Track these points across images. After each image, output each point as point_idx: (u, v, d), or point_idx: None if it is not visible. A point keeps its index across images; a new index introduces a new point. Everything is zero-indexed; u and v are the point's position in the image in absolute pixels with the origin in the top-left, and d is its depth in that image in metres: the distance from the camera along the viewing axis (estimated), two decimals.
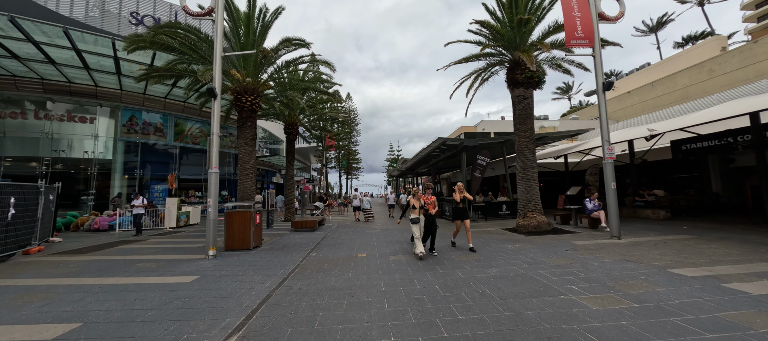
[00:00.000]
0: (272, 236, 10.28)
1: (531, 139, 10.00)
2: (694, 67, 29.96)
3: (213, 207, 7.11)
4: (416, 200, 6.58)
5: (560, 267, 5.43)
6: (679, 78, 31.34)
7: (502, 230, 10.14)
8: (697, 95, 26.80)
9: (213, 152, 7.23)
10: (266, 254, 7.37)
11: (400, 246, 8.04)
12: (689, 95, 28.39)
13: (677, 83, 31.24)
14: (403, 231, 10.84)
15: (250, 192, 9.58)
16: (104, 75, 14.88)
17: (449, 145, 13.32)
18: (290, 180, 16.11)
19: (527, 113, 10.03)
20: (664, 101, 31.40)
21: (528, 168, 9.90)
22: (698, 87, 29.16)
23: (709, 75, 27.69)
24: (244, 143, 9.58)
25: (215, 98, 7.35)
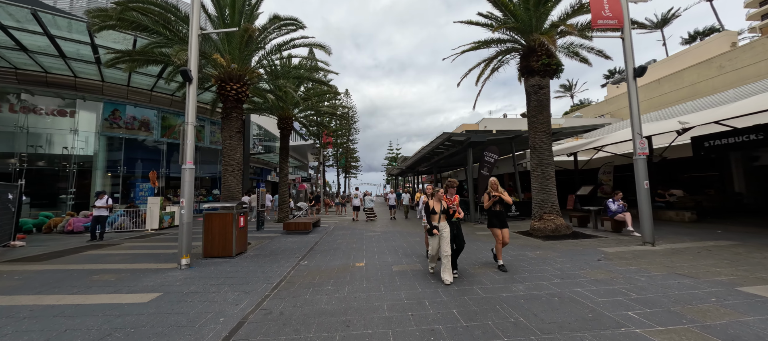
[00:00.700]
0: (260, 240, 9.28)
1: (547, 133, 9.05)
2: (702, 63, 29.10)
3: (187, 209, 6.11)
4: (436, 201, 5.01)
5: (601, 283, 4.46)
6: (686, 75, 30.47)
7: (515, 234, 9.18)
8: (706, 92, 25.97)
9: (187, 144, 6.23)
10: (250, 263, 6.38)
11: (404, 253, 7.06)
12: (698, 92, 27.53)
13: (685, 80, 30.38)
14: (405, 234, 9.86)
15: (236, 191, 8.58)
16: (83, 65, 13.83)
17: (455, 141, 12.36)
18: (284, 178, 15.11)
19: (543, 105, 9.07)
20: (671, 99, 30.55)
21: (544, 166, 8.94)
22: (707, 84, 28.33)
23: (719, 71, 26.83)
24: (230, 136, 8.58)
25: (190, 82, 6.35)
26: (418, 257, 6.63)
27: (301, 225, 10.66)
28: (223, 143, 8.62)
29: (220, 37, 8.92)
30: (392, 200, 15.78)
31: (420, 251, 7.24)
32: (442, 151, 15.31)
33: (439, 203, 4.98)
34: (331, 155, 39.94)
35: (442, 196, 4.99)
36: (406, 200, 15.93)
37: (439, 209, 4.92)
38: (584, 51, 10.07)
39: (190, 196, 6.19)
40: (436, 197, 5.04)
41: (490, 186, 5.50)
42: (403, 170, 29.88)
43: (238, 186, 8.64)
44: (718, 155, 13.94)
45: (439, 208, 4.92)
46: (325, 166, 39.09)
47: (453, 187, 5.41)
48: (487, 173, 11.94)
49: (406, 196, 16.17)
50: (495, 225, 5.47)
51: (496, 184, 5.48)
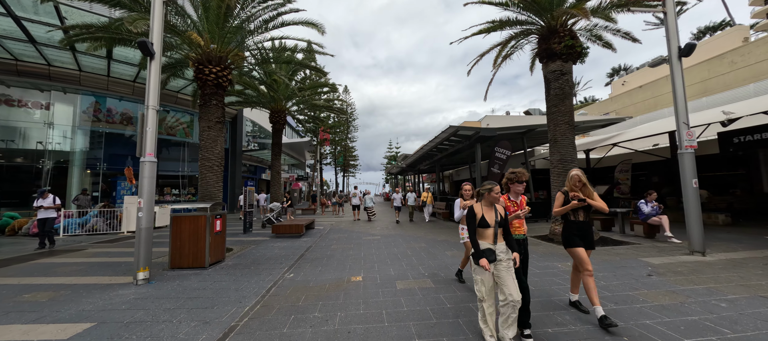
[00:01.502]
0: (245, 246, 8.19)
1: (570, 125, 7.99)
2: (713, 58, 28.11)
3: (145, 211, 5.01)
4: (487, 206, 2.92)
5: (672, 311, 3.40)
6: (696, 71, 29.51)
7: (531, 238, 8.12)
8: (717, 89, 25.04)
9: (147, 132, 5.13)
10: (224, 276, 5.30)
11: (408, 263, 5.99)
12: (709, 89, 26.57)
13: (695, 76, 29.40)
14: (409, 239, 8.79)
15: (215, 190, 7.48)
16: (56, 52, 12.65)
17: (462, 135, 11.28)
18: (277, 176, 14.01)
19: (566, 93, 8.00)
20: None
21: (567, 161, 7.88)
22: (718, 80, 27.36)
23: (731, 67, 25.84)
24: (208, 126, 7.48)
25: (151, 58, 5.24)
26: (426, 268, 5.55)
27: (292, 228, 9.57)
28: (201, 134, 7.51)
29: (199, 15, 7.81)
30: (397, 202, 13.79)
31: (427, 260, 6.17)
32: (447, 147, 14.24)
33: (491, 209, 2.89)
34: (329, 153, 38.80)
35: (497, 197, 2.89)
36: (412, 200, 14.28)
37: (492, 219, 2.84)
38: (609, 34, 9.01)
39: (150, 195, 5.09)
40: (489, 198, 2.88)
41: (571, 183, 3.38)
42: (403, 169, 28.80)
43: (217, 184, 7.55)
44: (746, 153, 12.95)
45: (493, 218, 2.85)
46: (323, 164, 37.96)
47: (521, 182, 3.35)
48: (499, 170, 10.89)
49: (412, 195, 14.31)
50: (577, 244, 3.31)
51: (579, 179, 3.34)
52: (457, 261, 6.06)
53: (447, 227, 11.09)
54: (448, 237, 8.94)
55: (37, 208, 7.60)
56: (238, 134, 20.96)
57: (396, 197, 14.01)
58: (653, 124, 13.01)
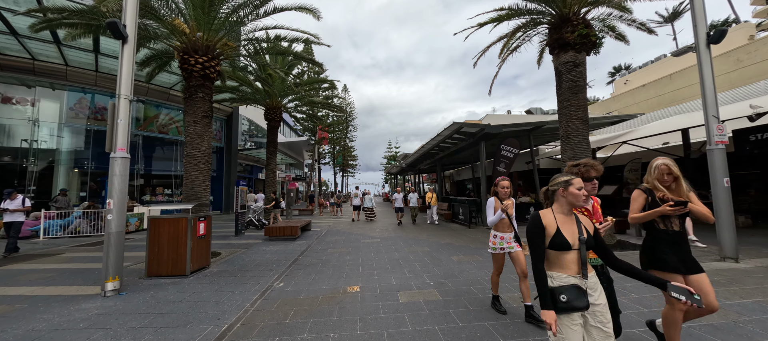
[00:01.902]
0: (234, 249, 7.62)
1: (584, 120, 7.45)
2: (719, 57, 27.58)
3: (116, 214, 4.44)
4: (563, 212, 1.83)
5: (731, 334, 2.86)
6: None
7: None
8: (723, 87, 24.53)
9: (118, 124, 4.56)
10: (206, 286, 4.73)
11: (411, 270, 5.43)
12: None
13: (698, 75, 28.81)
14: (410, 242, 8.23)
15: (201, 189, 6.91)
16: (40, 44, 12.07)
17: (466, 133, 10.74)
18: (272, 176, 13.45)
19: (579, 86, 7.47)
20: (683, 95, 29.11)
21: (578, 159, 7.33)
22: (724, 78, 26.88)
23: (737, 65, 25.39)
24: (194, 121, 6.91)
25: (124, 42, 4.68)
26: (432, 277, 5.00)
27: (286, 230, 9.00)
28: (186, 129, 6.95)
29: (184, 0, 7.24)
30: (399, 202, 12.86)
31: (432, 267, 5.61)
32: (449, 146, 13.70)
33: (570, 218, 1.83)
34: (328, 153, 38.23)
35: (581, 197, 1.78)
36: (415, 200, 13.03)
37: (574, 235, 1.77)
38: (623, 24, 8.47)
39: (121, 195, 4.52)
40: (567, 198, 1.81)
41: (656, 175, 2.39)
42: (403, 169, 28.26)
43: (204, 183, 6.98)
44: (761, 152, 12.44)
45: (576, 233, 1.77)
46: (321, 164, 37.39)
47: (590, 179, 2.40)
48: (505, 170, 10.35)
49: (414, 196, 13.05)
50: (671, 266, 2.27)
51: (669, 170, 2.35)
52: (465, 267, 5.51)
53: (450, 229, 10.55)
54: (452, 240, 8.39)
55: (2, 210, 6.97)
56: (233, 132, 20.39)
57: (397, 197, 13.05)
58: (665, 121, 12.50)
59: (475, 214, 11.38)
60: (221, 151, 20.40)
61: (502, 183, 3.43)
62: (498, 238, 3.47)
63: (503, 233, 3.48)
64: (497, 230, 3.50)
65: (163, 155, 17.24)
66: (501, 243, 3.46)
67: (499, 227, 3.49)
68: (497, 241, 3.47)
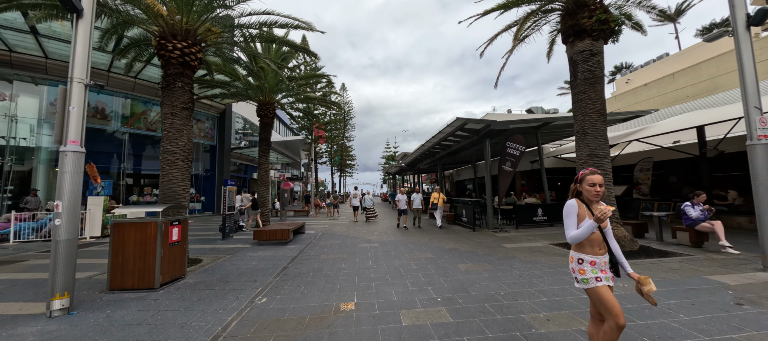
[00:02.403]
0: (218, 256, 6.93)
1: (601, 114, 6.82)
2: (723, 55, 27.24)
3: (66, 219, 3.75)
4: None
5: None
6: (704, 68, 28.51)
7: (555, 247, 6.95)
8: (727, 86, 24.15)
9: (71, 113, 3.88)
10: (176, 302, 4.05)
11: (414, 281, 4.76)
12: (718, 86, 25.62)
13: (702, 74, 28.43)
14: (411, 247, 7.56)
15: (179, 190, 6.22)
16: (17, 35, 11.34)
17: (470, 129, 10.08)
18: (264, 175, 12.75)
19: (597, 77, 6.84)
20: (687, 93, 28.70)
21: (598, 157, 6.71)
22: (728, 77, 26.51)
23: None
24: (172, 113, 6.22)
25: (79, 17, 4.00)
26: (438, 290, 4.33)
27: (277, 234, 8.31)
28: (163, 122, 6.24)
29: None
30: (403, 204, 11.58)
31: (437, 277, 4.94)
32: (451, 144, 13.05)
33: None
34: (325, 152, 37.51)
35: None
36: (418, 202, 11.51)
37: None
38: (641, 11, 7.86)
39: (73, 196, 3.83)
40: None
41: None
42: (402, 168, 27.62)
43: (182, 183, 6.28)
44: None
45: None
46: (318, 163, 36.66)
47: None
48: (511, 168, 9.71)
49: (418, 197, 11.58)
50: None
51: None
52: (475, 278, 4.84)
53: (453, 232, 9.89)
54: (457, 244, 7.73)
55: None
56: (226, 130, 19.66)
57: (401, 198, 11.66)
58: (680, 118, 11.91)
59: (479, 216, 10.73)
60: (214, 150, 19.67)
61: (592, 179, 2.19)
62: (587, 264, 2.14)
63: (594, 255, 2.14)
64: (582, 251, 2.18)
65: (152, 154, 16.48)
66: (594, 272, 2.12)
67: (585, 246, 2.17)
68: (588, 269, 2.13)
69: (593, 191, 2.17)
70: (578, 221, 2.15)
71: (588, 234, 2.08)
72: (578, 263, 2.19)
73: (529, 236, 8.53)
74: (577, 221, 2.15)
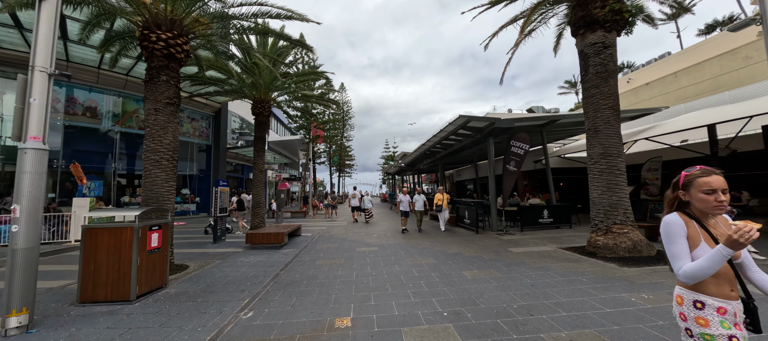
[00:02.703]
0: (207, 262, 6.50)
1: (615, 110, 6.42)
2: (726, 54, 26.92)
3: (24, 224, 3.33)
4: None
5: None
6: (707, 67, 28.16)
7: (566, 252, 6.54)
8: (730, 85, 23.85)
9: (32, 106, 3.46)
10: (151, 318, 3.62)
11: (417, 291, 4.35)
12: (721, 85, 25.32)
13: (705, 73, 28.09)
14: (412, 251, 7.13)
15: (164, 191, 5.79)
16: (1, 29, 10.88)
17: (473, 128, 9.68)
18: (259, 175, 12.31)
19: (610, 70, 6.44)
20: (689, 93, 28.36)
21: (611, 156, 6.32)
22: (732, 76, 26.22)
23: (745, 62, 24.61)
24: (155, 109, 5.79)
25: None
26: (443, 301, 3.92)
27: (271, 237, 7.89)
28: (147, 119, 5.82)
29: None
30: (405, 205, 10.67)
31: (441, 286, 4.53)
32: (453, 143, 12.65)
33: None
34: (324, 152, 37.07)
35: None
36: (420, 203, 10.68)
37: None
38: (655, 3, 7.47)
39: (34, 201, 3.41)
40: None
41: None
42: (402, 168, 27.21)
43: (167, 184, 5.85)
44: None
45: None
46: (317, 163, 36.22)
47: None
48: (515, 168, 9.30)
49: (420, 198, 10.72)
50: None
51: None
52: (483, 287, 4.43)
53: (455, 235, 9.48)
54: (461, 248, 7.32)
55: None
56: (222, 129, 19.22)
57: (403, 199, 10.71)
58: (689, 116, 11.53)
59: (483, 217, 10.32)
60: (209, 149, 19.23)
61: (709, 182, 1.43)
62: (712, 311, 1.38)
63: (724, 299, 1.39)
64: (703, 290, 1.42)
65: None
66: (724, 325, 1.36)
67: (707, 284, 1.41)
68: (713, 319, 1.37)
69: (712, 202, 1.42)
70: (691, 246, 1.43)
71: (717, 267, 1.29)
72: (694, 308, 1.42)
73: (536, 240, 8.12)
74: (690, 246, 1.43)
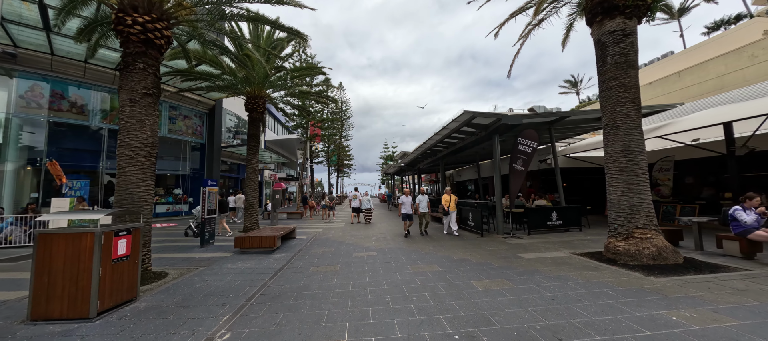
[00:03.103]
0: (189, 268, 5.94)
1: (636, 104, 5.89)
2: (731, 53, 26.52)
3: None
4: None
5: None
6: (712, 66, 27.71)
7: (582, 258, 6.00)
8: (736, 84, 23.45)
9: None
10: (112, 340, 3.06)
11: (422, 308, 3.79)
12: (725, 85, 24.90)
13: (710, 72, 27.64)
14: (413, 256, 6.57)
15: (140, 191, 5.22)
16: None
17: (478, 125, 9.14)
18: (253, 174, 11.75)
19: (630, 61, 5.91)
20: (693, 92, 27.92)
21: (632, 153, 5.79)
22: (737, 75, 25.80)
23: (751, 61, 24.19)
24: (131, 100, 5.23)
25: None
26: (453, 320, 3.37)
27: (262, 241, 7.33)
28: (121, 110, 5.25)
29: None
30: (407, 207, 9.71)
31: (449, 300, 3.97)
32: (456, 141, 12.11)
33: None
34: (321, 151, 36.48)
35: None
36: (424, 204, 9.69)
37: None
38: None
39: None
40: None
41: None
42: (402, 168, 26.67)
43: (144, 183, 5.28)
44: None
45: None
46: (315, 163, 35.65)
47: None
48: (523, 167, 8.77)
49: (424, 199, 9.74)
50: None
51: None
52: (497, 301, 3.89)
53: (460, 239, 8.93)
54: (467, 254, 6.77)
55: None
56: (216, 127, 18.63)
57: (405, 201, 9.72)
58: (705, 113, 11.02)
59: (488, 219, 9.78)
60: (203, 148, 18.64)
61: None
62: None
63: None
64: None
65: None
66: None
67: None
68: None
69: None
70: None
71: None
72: None
73: (546, 244, 7.58)
74: None
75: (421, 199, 9.77)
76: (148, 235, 5.31)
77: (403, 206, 9.80)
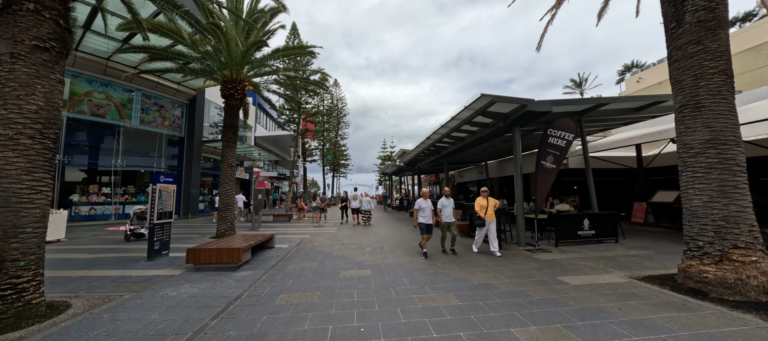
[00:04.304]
0: (107, 297, 4.26)
1: (728, 76, 4.33)
2: (747, 51, 25.39)
3: None
4: None
5: None
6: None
7: (650, 286, 4.40)
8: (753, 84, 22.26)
9: None
10: None
11: None
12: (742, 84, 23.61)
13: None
14: (419, 278, 4.94)
15: (20, 188, 3.55)
16: None
17: (494, 113, 7.51)
18: (227, 170, 10.07)
19: (719, 19, 4.33)
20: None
21: (726, 144, 4.21)
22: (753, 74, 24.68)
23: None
24: (12, 54, 3.56)
25: None
26: None
27: (223, 255, 5.65)
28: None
29: None
30: (427, 215, 6.86)
31: None
32: (465, 135, 10.50)
33: None
34: (316, 149, 34.76)
35: None
36: (449, 211, 6.96)
37: None
38: None
39: None
40: None
41: None
42: (400, 168, 25.04)
43: (28, 176, 3.61)
44: None
45: None
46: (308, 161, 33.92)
47: None
48: (554, 164, 7.17)
49: (449, 203, 6.98)
50: None
51: None
52: None
53: (474, 252, 7.31)
54: (490, 276, 5.14)
55: None
56: (196, 120, 16.91)
57: (424, 206, 6.90)
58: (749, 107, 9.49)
59: (506, 226, 8.18)
60: (181, 142, 16.89)
61: None
62: None
63: None
64: None
65: (100, 144, 13.69)
66: None
67: None
68: None
69: None
70: None
71: None
72: None
73: (586, 261, 5.98)
74: None
75: (446, 204, 6.97)
76: (38, 253, 3.64)
77: (422, 214, 6.90)
